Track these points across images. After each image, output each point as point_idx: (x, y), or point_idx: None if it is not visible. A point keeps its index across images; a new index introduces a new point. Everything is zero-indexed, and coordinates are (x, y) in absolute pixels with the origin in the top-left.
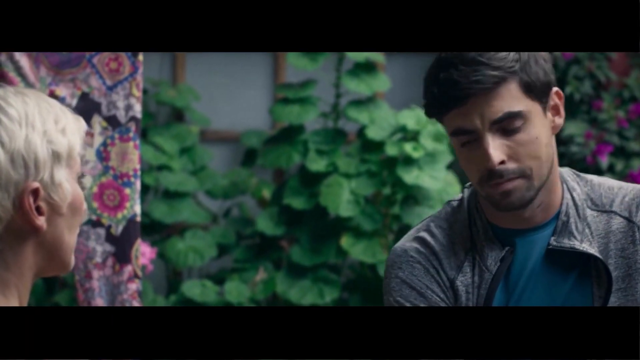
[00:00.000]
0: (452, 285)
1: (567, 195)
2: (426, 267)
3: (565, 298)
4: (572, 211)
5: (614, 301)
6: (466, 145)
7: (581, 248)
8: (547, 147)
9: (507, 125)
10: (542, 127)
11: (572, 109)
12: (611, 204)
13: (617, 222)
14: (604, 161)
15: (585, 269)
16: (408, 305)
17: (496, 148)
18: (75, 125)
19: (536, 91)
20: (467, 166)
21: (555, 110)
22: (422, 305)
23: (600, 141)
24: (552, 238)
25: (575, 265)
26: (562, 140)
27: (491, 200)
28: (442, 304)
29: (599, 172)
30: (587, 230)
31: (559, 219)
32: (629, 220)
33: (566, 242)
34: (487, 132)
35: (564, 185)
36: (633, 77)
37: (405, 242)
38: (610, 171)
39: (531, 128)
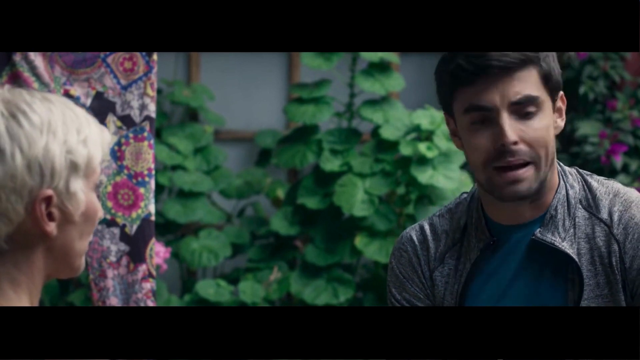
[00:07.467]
0: (431, 275)
1: (562, 192)
2: (411, 256)
3: (545, 294)
4: (562, 208)
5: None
6: (476, 124)
7: (560, 246)
8: (553, 142)
9: (523, 109)
10: (551, 121)
11: (587, 108)
12: (601, 209)
13: (600, 230)
14: (618, 161)
15: (563, 268)
16: (394, 290)
17: (511, 127)
18: (98, 136)
19: (551, 85)
20: (474, 146)
21: (559, 113)
22: (403, 292)
23: (615, 141)
24: (538, 230)
25: (555, 262)
26: (576, 140)
27: (491, 185)
28: (420, 294)
29: (613, 171)
30: (572, 230)
31: (548, 212)
32: (610, 230)
33: (548, 237)
34: (504, 111)
35: (561, 183)
36: None
37: (409, 229)
38: (625, 171)
39: (544, 117)
